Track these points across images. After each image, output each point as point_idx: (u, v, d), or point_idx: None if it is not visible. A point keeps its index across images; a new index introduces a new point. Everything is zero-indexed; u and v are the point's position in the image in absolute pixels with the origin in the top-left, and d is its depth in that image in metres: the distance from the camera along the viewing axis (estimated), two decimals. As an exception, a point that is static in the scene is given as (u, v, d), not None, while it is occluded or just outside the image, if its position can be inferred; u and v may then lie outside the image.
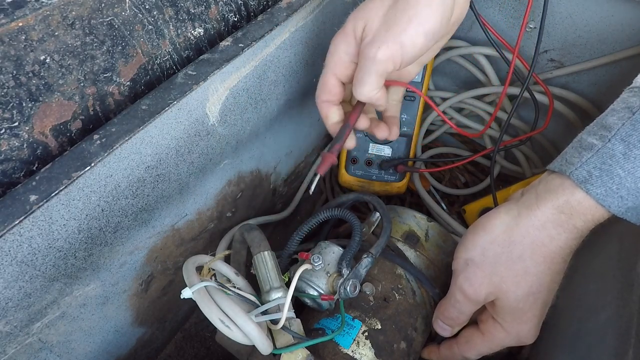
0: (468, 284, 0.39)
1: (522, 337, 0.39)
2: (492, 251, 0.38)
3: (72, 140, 0.35)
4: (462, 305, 0.41)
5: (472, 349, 0.42)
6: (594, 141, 0.35)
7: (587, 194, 0.34)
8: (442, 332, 0.44)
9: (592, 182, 0.34)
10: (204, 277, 0.36)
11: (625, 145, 0.33)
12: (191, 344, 0.57)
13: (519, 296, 0.38)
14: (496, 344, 0.41)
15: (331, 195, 0.70)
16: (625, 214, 0.33)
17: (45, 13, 0.29)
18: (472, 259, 0.39)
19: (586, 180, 0.34)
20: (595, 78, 0.57)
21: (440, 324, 0.44)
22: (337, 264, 0.44)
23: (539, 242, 0.37)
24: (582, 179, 0.34)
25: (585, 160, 0.34)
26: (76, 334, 0.37)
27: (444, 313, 0.43)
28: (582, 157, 0.35)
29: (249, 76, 0.43)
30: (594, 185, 0.34)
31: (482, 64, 0.63)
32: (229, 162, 0.47)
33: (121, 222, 0.36)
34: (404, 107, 0.62)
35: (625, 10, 0.51)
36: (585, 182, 0.34)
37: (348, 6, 0.56)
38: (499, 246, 0.38)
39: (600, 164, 0.34)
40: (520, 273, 0.37)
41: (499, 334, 0.40)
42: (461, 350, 0.43)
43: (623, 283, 0.38)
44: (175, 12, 0.39)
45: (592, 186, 0.34)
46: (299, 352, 0.37)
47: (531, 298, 0.38)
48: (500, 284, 0.38)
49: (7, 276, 0.29)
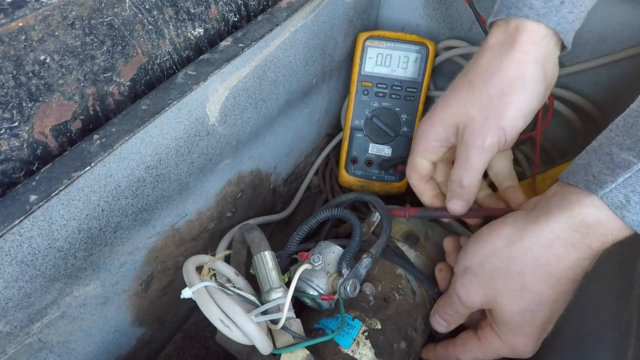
0: (464, 290, 0.39)
1: (518, 350, 0.38)
2: (491, 264, 0.37)
3: (72, 140, 0.35)
4: (458, 307, 0.41)
5: (467, 352, 0.42)
6: (630, 158, 0.30)
7: (621, 220, 0.30)
8: (438, 326, 0.44)
9: (629, 209, 0.30)
10: (204, 277, 0.36)
11: None
12: (191, 344, 0.57)
13: (515, 311, 0.36)
14: (491, 352, 0.40)
15: (331, 195, 0.70)
16: None
17: (45, 13, 0.29)
18: (471, 268, 0.39)
19: (623, 205, 0.30)
20: (595, 78, 0.57)
21: (437, 319, 0.44)
22: (337, 264, 0.44)
23: (542, 260, 0.34)
24: (618, 203, 0.30)
25: (622, 182, 0.30)
26: (76, 334, 0.37)
27: (441, 309, 0.43)
28: (616, 175, 0.30)
29: (249, 76, 0.43)
30: (632, 212, 0.30)
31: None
32: (229, 162, 0.47)
33: (121, 222, 0.36)
34: (404, 107, 0.63)
35: (625, 10, 0.51)
36: (622, 208, 0.30)
37: (348, 6, 0.56)
38: (498, 260, 0.36)
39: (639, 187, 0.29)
40: (516, 289, 0.36)
41: (495, 343, 0.39)
42: (456, 351, 0.43)
43: (623, 283, 0.38)
44: (175, 12, 0.39)
45: (628, 212, 0.30)
46: (299, 352, 0.37)
47: (528, 314, 0.36)
48: (496, 297, 0.37)
49: (7, 276, 0.29)
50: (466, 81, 0.40)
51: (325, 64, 0.58)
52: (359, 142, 0.64)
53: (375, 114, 0.63)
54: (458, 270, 0.40)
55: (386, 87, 0.62)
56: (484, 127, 0.38)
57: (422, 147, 0.43)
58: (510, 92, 0.37)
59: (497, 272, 0.37)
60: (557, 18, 0.36)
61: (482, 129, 0.38)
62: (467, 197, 0.41)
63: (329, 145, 0.71)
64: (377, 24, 0.70)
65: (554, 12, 0.36)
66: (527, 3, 0.36)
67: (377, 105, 0.63)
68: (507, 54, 0.37)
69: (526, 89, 0.37)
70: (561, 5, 0.36)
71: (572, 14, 0.36)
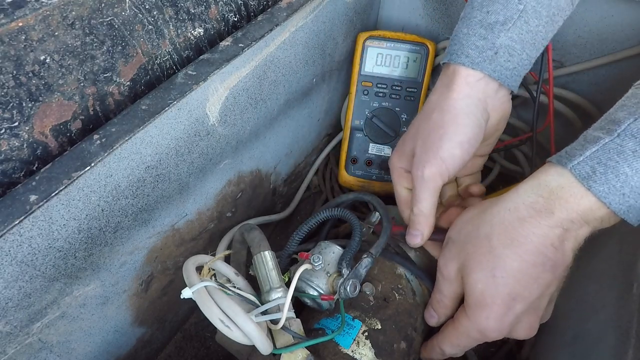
0: (443, 260, 0.41)
1: (481, 325, 0.37)
2: (466, 230, 0.39)
3: (72, 140, 0.35)
4: (440, 284, 0.41)
5: (445, 338, 0.42)
6: (600, 134, 0.33)
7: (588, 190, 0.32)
8: (430, 319, 0.44)
9: (595, 180, 0.32)
10: (204, 277, 0.36)
11: (637, 142, 0.31)
12: (191, 344, 0.57)
13: (479, 276, 0.37)
14: (462, 332, 0.39)
15: (331, 195, 0.70)
16: (625, 214, 0.32)
17: (45, 13, 0.29)
18: (451, 237, 0.41)
19: (589, 176, 0.32)
20: (595, 78, 0.57)
21: (429, 310, 0.44)
22: (337, 264, 0.44)
23: (507, 223, 0.36)
24: (584, 174, 0.32)
25: (590, 155, 0.33)
26: (76, 334, 0.37)
27: (431, 297, 0.44)
28: (585, 149, 0.33)
29: (249, 76, 0.43)
30: (597, 182, 0.32)
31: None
32: (229, 162, 0.47)
33: (121, 222, 0.36)
34: (404, 107, 0.63)
35: (625, 10, 0.51)
36: (588, 179, 0.32)
37: (348, 6, 0.56)
38: (472, 225, 0.39)
39: (606, 159, 0.32)
40: (483, 252, 0.37)
41: (464, 321, 0.39)
42: (437, 340, 0.43)
43: (623, 283, 0.38)
44: (175, 12, 0.39)
45: (595, 183, 0.32)
46: (299, 352, 0.37)
47: (491, 280, 0.36)
48: (465, 261, 0.38)
49: (7, 276, 0.29)
50: (417, 117, 0.46)
51: (325, 64, 0.58)
52: (359, 142, 0.64)
53: (375, 114, 0.63)
54: (442, 246, 0.43)
55: (386, 87, 0.62)
56: (423, 159, 0.42)
57: (395, 177, 0.47)
58: (443, 125, 0.41)
59: (469, 236, 0.39)
60: (492, 66, 0.41)
61: (422, 161, 0.42)
62: (419, 226, 0.44)
63: (329, 145, 0.71)
64: (377, 24, 0.70)
65: (487, 61, 0.41)
66: (465, 52, 0.41)
67: (377, 105, 0.63)
68: (445, 93, 0.42)
69: (457, 122, 0.41)
70: (495, 56, 0.41)
71: (510, 63, 0.41)
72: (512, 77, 0.42)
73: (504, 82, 0.41)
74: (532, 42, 0.41)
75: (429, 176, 0.41)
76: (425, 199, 0.42)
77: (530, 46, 0.42)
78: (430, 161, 0.41)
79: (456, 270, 0.39)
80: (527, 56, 0.42)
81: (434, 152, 0.41)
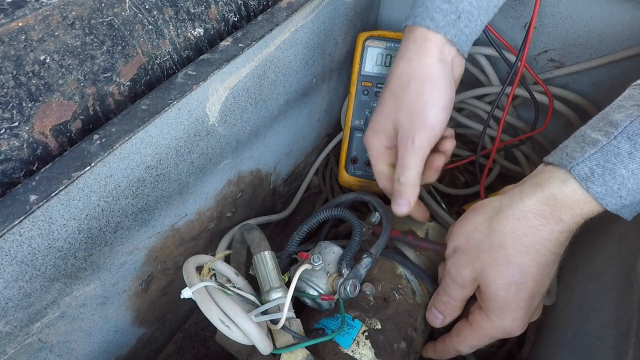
0: (455, 268, 0.41)
1: (507, 327, 0.39)
2: (475, 239, 0.39)
3: (72, 140, 0.35)
4: (451, 289, 0.41)
5: (463, 341, 0.42)
6: (598, 137, 0.34)
7: (586, 191, 0.34)
8: (434, 320, 0.44)
9: (593, 180, 0.33)
10: (204, 277, 0.36)
11: (632, 144, 0.32)
12: (191, 344, 0.57)
13: (500, 285, 0.38)
14: (483, 335, 0.40)
15: (331, 195, 0.70)
16: (619, 211, 0.34)
17: (45, 13, 0.29)
18: (459, 246, 0.41)
19: (587, 177, 0.33)
20: (595, 78, 0.57)
21: (433, 311, 0.44)
22: (337, 264, 0.44)
23: (519, 231, 0.37)
24: (583, 175, 0.34)
25: (589, 157, 0.34)
26: (76, 334, 0.37)
27: (436, 299, 0.44)
28: (584, 152, 0.34)
29: (249, 76, 0.43)
30: (595, 183, 0.33)
31: (482, 64, 0.63)
32: (229, 162, 0.47)
33: (121, 222, 0.36)
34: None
35: (625, 10, 0.51)
36: (587, 180, 0.33)
37: (348, 6, 0.56)
38: (481, 234, 0.39)
39: (603, 161, 0.33)
40: (501, 262, 0.37)
41: (485, 324, 0.40)
42: (453, 343, 0.43)
43: (623, 283, 0.38)
44: (175, 12, 0.39)
45: (592, 184, 0.33)
46: (299, 352, 0.37)
47: (514, 287, 0.37)
48: (482, 271, 0.38)
49: (7, 276, 0.29)
50: (390, 90, 0.45)
51: (325, 64, 0.58)
52: (359, 142, 0.64)
53: (375, 114, 0.63)
54: (448, 253, 0.42)
55: (386, 87, 0.62)
56: (411, 128, 0.43)
57: (374, 155, 0.48)
58: (424, 93, 0.42)
59: (481, 246, 0.39)
60: (454, 31, 0.42)
61: (410, 131, 0.43)
62: (406, 195, 0.45)
63: (329, 145, 0.71)
64: (377, 24, 0.70)
65: (451, 25, 0.42)
66: (430, 15, 0.42)
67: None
68: (416, 60, 0.43)
69: (436, 87, 0.42)
70: (458, 20, 0.42)
71: (468, 28, 0.42)
72: (466, 43, 0.44)
73: (461, 48, 0.43)
74: (486, 9, 0.43)
75: (419, 144, 0.43)
76: (414, 166, 0.44)
77: (484, 12, 0.43)
78: (419, 129, 0.42)
79: (471, 277, 0.40)
80: (480, 23, 0.43)
81: (421, 120, 0.42)
